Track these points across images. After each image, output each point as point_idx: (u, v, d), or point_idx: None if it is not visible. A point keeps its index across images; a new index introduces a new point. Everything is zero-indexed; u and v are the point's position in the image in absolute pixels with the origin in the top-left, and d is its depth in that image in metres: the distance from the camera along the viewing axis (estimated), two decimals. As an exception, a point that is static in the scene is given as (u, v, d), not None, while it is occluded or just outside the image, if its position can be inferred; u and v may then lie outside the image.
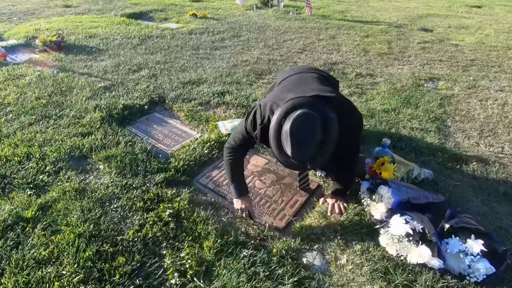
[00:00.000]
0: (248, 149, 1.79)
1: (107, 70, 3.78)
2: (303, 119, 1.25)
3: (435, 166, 2.18)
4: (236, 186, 1.75)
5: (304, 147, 1.25)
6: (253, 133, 1.57)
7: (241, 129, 1.65)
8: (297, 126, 1.24)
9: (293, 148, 1.24)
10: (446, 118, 2.86)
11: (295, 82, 1.72)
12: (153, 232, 1.61)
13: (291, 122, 1.24)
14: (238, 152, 1.73)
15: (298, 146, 1.24)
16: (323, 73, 1.90)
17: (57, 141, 2.35)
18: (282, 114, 1.33)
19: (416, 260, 1.44)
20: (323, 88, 1.57)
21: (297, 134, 1.24)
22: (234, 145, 1.71)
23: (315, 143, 1.25)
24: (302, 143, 1.24)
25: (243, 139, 1.66)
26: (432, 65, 4.16)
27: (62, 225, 1.62)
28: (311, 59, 4.31)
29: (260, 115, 1.53)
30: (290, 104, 1.34)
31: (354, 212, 1.78)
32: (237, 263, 1.47)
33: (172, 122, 2.84)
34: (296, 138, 1.24)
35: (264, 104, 1.54)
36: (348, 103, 1.60)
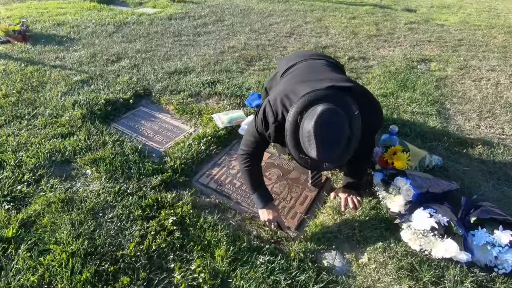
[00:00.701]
0: (264, 151, 1.61)
1: (82, 61, 3.44)
2: (327, 117, 1.10)
3: (442, 152, 2.13)
4: (259, 195, 1.57)
5: (330, 147, 1.11)
6: (266, 133, 1.40)
7: (252, 131, 1.48)
8: (321, 125, 1.09)
9: (319, 150, 1.09)
10: (444, 100, 2.82)
11: (304, 71, 1.57)
12: (157, 243, 1.45)
13: (314, 121, 1.09)
14: (254, 157, 1.56)
15: (324, 147, 1.10)
16: (330, 59, 1.75)
17: (33, 144, 2.09)
18: (298, 111, 1.18)
19: (442, 254, 1.37)
20: (337, 77, 1.43)
21: (322, 134, 1.09)
22: (248, 150, 1.53)
23: (343, 141, 1.12)
24: (328, 144, 1.10)
25: (256, 142, 1.49)
26: (422, 46, 4.11)
27: (51, 243, 1.42)
28: (300, 43, 4.15)
29: (272, 112, 1.35)
30: (306, 100, 1.19)
31: (369, 206, 1.69)
32: (254, 273, 1.35)
33: (162, 117, 2.62)
34: (321, 139, 1.09)
35: (274, 99, 1.37)
36: (365, 91, 1.46)
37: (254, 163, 1.55)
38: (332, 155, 1.11)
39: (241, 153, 1.57)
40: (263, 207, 1.57)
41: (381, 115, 1.46)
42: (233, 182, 1.95)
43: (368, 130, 1.35)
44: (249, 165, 1.54)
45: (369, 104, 1.35)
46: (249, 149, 1.53)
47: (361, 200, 1.71)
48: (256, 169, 1.57)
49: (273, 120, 1.34)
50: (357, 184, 1.75)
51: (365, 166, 1.75)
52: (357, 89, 1.36)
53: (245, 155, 1.55)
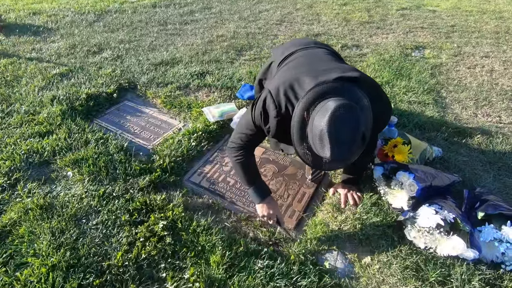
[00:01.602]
0: (256, 145, 1.49)
1: (60, 53, 3.22)
2: (341, 113, 0.98)
3: (442, 142, 2.07)
4: (255, 189, 1.47)
5: (346, 146, 1.01)
6: (265, 126, 1.28)
7: (247, 123, 1.35)
8: (336, 123, 0.98)
9: (333, 150, 0.99)
10: (440, 88, 2.76)
11: (306, 61, 1.44)
12: (147, 251, 1.34)
13: (328, 119, 0.97)
14: (247, 150, 1.44)
15: (339, 146, 0.99)
16: (328, 47, 1.64)
17: (8, 145, 1.92)
18: (306, 106, 1.07)
19: (448, 252, 1.31)
20: (343, 67, 1.32)
21: (337, 133, 0.98)
22: (240, 143, 1.41)
23: (358, 140, 1.02)
24: (344, 143, 1.00)
25: (251, 135, 1.37)
26: (415, 33, 4.02)
27: (29, 255, 1.30)
28: (291, 31, 4.00)
29: (274, 104, 1.22)
30: (315, 93, 1.08)
31: (370, 202, 1.61)
32: (253, 279, 1.26)
33: (148, 111, 2.47)
34: (336, 138, 0.98)
35: (276, 90, 1.23)
36: (374, 83, 1.33)
37: (247, 155, 1.44)
38: (347, 154, 1.02)
39: (232, 146, 1.44)
40: (261, 201, 1.48)
41: (390, 107, 1.35)
42: (227, 180, 1.84)
43: (377, 124, 1.26)
44: (242, 158, 1.42)
45: (378, 97, 1.25)
46: (242, 143, 1.40)
47: (362, 196, 1.64)
48: (250, 161, 1.46)
49: (275, 114, 1.21)
50: (357, 179, 1.68)
51: (367, 161, 1.67)
52: (365, 79, 1.25)
53: (237, 148, 1.42)
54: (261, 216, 1.49)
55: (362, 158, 1.55)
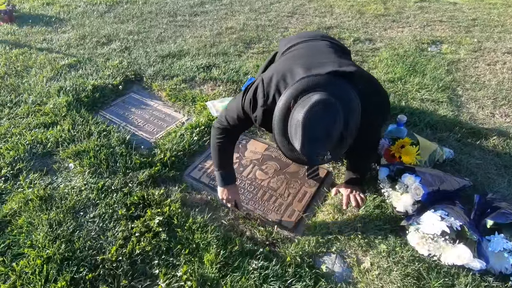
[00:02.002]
0: (242, 131, 1.51)
1: (70, 44, 3.25)
2: (320, 108, 0.98)
3: (454, 143, 1.97)
4: (222, 174, 1.51)
5: (317, 144, 1.00)
6: (252, 114, 1.27)
7: (237, 107, 1.33)
8: (312, 117, 0.97)
9: (304, 143, 1.00)
10: (456, 86, 2.62)
11: (305, 52, 1.40)
12: (141, 246, 1.33)
13: (305, 111, 0.97)
14: (230, 135, 1.45)
15: (310, 141, 1.00)
16: (334, 41, 1.57)
17: (14, 135, 1.95)
18: (291, 96, 1.06)
19: (453, 261, 1.24)
20: (340, 61, 1.26)
21: (310, 127, 0.98)
22: (227, 125, 1.40)
23: (333, 139, 1.00)
24: (315, 139, 0.99)
25: (237, 120, 1.35)
26: (433, 27, 3.84)
27: (26, 246, 1.31)
28: (303, 23, 3.89)
29: (263, 93, 1.22)
30: (303, 84, 1.06)
31: (373, 204, 1.55)
32: (246, 280, 1.23)
33: (153, 104, 2.46)
34: (309, 132, 0.98)
35: (268, 79, 1.22)
36: (371, 79, 1.30)
37: (228, 141, 1.45)
38: (317, 151, 1.00)
39: (217, 126, 1.43)
40: (223, 186, 1.52)
41: (388, 105, 1.30)
42: (227, 177, 1.81)
43: (373, 122, 1.22)
44: (222, 142, 1.44)
45: (374, 93, 1.21)
46: (228, 125, 1.39)
47: (365, 198, 1.58)
48: (228, 148, 1.48)
49: (262, 103, 1.21)
50: (360, 179, 1.62)
51: (369, 161, 1.61)
52: (361, 75, 1.20)
53: (222, 130, 1.42)
54: (220, 198, 1.54)
55: (362, 157, 1.50)
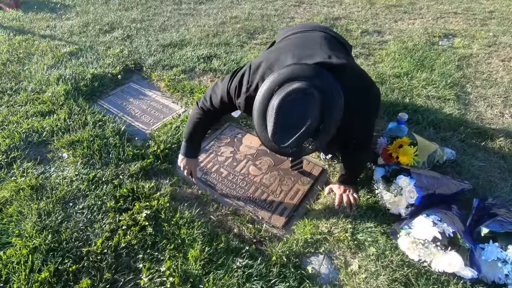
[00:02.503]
0: (223, 114, 1.52)
1: (73, 31, 3.24)
2: (297, 98, 0.96)
3: (457, 144, 1.89)
4: (188, 147, 1.55)
5: (290, 133, 0.97)
6: (236, 100, 1.26)
7: (223, 90, 1.31)
8: (286, 106, 0.96)
9: (276, 131, 0.98)
10: (465, 82, 2.51)
11: (298, 42, 1.35)
12: (127, 240, 1.33)
13: (281, 98, 0.96)
14: (210, 116, 1.45)
15: (282, 130, 0.98)
16: (335, 34, 1.50)
17: (11, 123, 1.97)
18: (273, 84, 1.02)
19: (444, 268, 1.20)
20: (331, 53, 1.20)
21: (284, 116, 0.97)
22: (209, 106, 1.39)
23: (307, 131, 0.96)
24: (288, 128, 0.97)
25: (220, 103, 1.33)
26: (446, 19, 3.67)
27: (14, 236, 1.33)
28: (310, 13, 3.77)
29: (247, 80, 1.21)
30: (286, 73, 1.02)
31: (366, 205, 1.51)
32: (229, 278, 1.22)
33: (152, 95, 2.44)
34: (282, 121, 0.97)
35: (256, 66, 1.21)
36: (361, 74, 1.24)
37: (206, 121, 1.47)
38: (290, 141, 0.97)
39: (200, 105, 1.43)
40: (184, 156, 1.56)
41: (377, 103, 1.25)
42: (220, 171, 1.79)
43: (360, 120, 1.18)
44: (200, 120, 1.45)
45: (361, 90, 1.16)
46: (210, 106, 1.38)
47: (358, 198, 1.54)
48: (203, 127, 1.50)
49: (246, 90, 1.21)
50: (354, 179, 1.57)
51: (362, 159, 1.55)
52: (352, 69, 1.16)
53: (203, 109, 1.42)
54: (179, 165, 1.60)
55: (353, 155, 1.45)
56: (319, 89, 0.97)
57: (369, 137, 1.38)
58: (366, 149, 1.44)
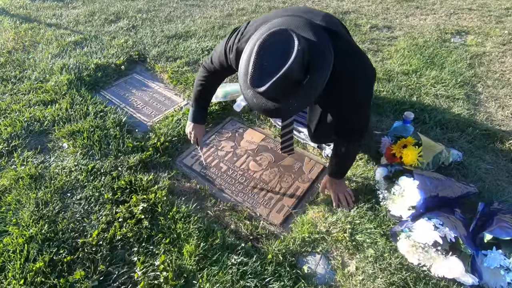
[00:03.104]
0: (226, 75, 1.49)
1: (79, 20, 3.23)
2: (280, 39, 0.88)
3: (464, 145, 1.83)
4: (195, 112, 1.56)
5: (269, 76, 0.88)
6: (229, 55, 1.23)
7: (222, 46, 1.29)
8: (268, 47, 0.88)
9: (254, 73, 0.89)
10: (476, 82, 2.42)
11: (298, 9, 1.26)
12: (123, 232, 1.32)
13: (263, 38, 0.89)
14: (214, 77, 1.43)
15: (261, 71, 0.89)
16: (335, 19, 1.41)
17: (13, 111, 1.97)
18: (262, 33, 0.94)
19: (444, 273, 1.16)
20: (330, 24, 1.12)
21: (263, 56, 0.88)
22: (210, 65, 1.38)
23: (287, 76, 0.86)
24: (267, 71, 0.88)
25: (219, 63, 1.32)
26: (459, 15, 3.55)
27: (11, 224, 1.33)
28: (318, 7, 3.69)
29: (242, 32, 1.17)
30: (277, 23, 0.98)
31: (367, 206, 1.47)
32: (223, 275, 1.20)
33: (154, 86, 2.42)
34: (262, 61, 0.89)
35: (253, 21, 1.18)
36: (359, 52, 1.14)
37: (210, 82, 1.45)
38: (264, 83, 0.88)
39: (203, 64, 1.43)
40: (192, 122, 1.58)
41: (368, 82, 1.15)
42: (220, 166, 1.77)
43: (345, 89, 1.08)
44: (204, 82, 1.45)
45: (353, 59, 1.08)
46: (212, 67, 1.37)
47: (352, 195, 1.50)
48: (208, 88, 1.49)
49: (238, 40, 1.17)
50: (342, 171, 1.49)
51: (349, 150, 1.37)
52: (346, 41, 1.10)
53: (206, 68, 1.41)
54: (186, 132, 1.62)
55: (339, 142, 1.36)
56: (306, 38, 0.91)
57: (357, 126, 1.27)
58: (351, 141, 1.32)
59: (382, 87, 2.29)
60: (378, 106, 2.11)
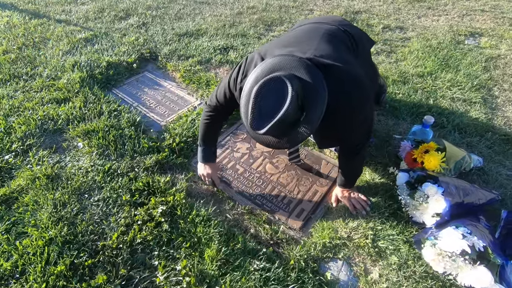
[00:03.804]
0: (232, 110, 1.47)
1: (88, 16, 3.19)
2: (274, 86, 0.95)
3: (484, 150, 1.81)
4: (204, 150, 1.56)
5: (267, 120, 0.95)
6: (235, 92, 1.24)
7: (224, 83, 1.31)
8: (264, 93, 0.95)
9: (253, 117, 0.96)
10: (492, 85, 2.39)
11: (300, 35, 1.30)
12: (143, 235, 1.31)
13: (259, 85, 0.96)
14: (218, 114, 1.45)
15: (260, 116, 0.96)
16: (349, 29, 1.38)
17: (27, 109, 1.95)
18: (258, 74, 1.03)
19: (471, 283, 1.15)
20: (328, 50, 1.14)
21: (261, 101, 0.95)
22: (216, 104, 1.39)
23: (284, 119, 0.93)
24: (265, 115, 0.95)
25: (224, 98, 1.32)
26: (472, 17, 3.51)
27: (30, 226, 1.31)
28: (329, 6, 3.65)
29: (242, 70, 1.21)
30: (271, 63, 1.03)
31: (388, 212, 1.45)
32: (246, 281, 1.19)
33: (167, 85, 2.39)
34: (259, 107, 0.96)
35: (251, 57, 1.21)
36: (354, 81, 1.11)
37: (215, 120, 1.47)
38: (263, 127, 0.95)
39: (208, 103, 1.44)
40: (202, 162, 1.58)
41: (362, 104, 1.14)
42: (236, 168, 1.75)
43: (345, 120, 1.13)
44: (210, 120, 1.46)
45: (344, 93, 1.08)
46: (217, 103, 1.38)
47: (366, 198, 1.49)
48: (214, 126, 1.51)
49: (240, 81, 1.20)
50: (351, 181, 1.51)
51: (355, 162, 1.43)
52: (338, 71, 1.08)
53: (211, 109, 1.43)
54: (199, 174, 1.61)
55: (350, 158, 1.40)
56: (300, 79, 0.96)
57: (363, 142, 1.31)
58: (359, 152, 1.35)
59: (398, 90, 2.26)
60: (394, 108, 2.09)
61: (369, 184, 1.61)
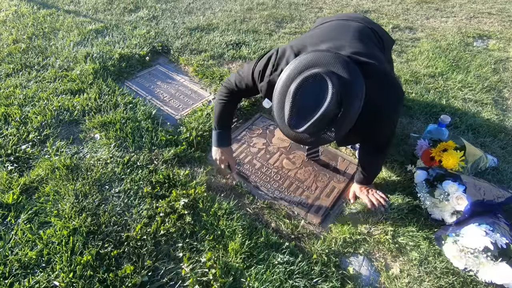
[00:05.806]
0: (247, 97, 1.50)
1: (97, 8, 3.16)
2: (313, 83, 0.93)
3: (497, 150, 1.83)
4: (219, 134, 1.53)
5: (305, 118, 0.94)
6: (259, 83, 1.24)
7: (248, 72, 1.29)
8: (303, 91, 0.94)
9: (292, 115, 0.96)
10: (502, 87, 2.42)
11: (329, 31, 1.30)
12: (166, 227, 1.31)
13: (298, 83, 0.95)
14: (235, 97, 1.45)
15: (298, 114, 0.95)
16: (373, 27, 1.41)
17: (41, 99, 1.93)
18: (294, 69, 1.00)
19: (492, 279, 1.17)
20: (361, 48, 1.15)
21: (300, 101, 0.95)
22: (234, 87, 1.38)
23: (323, 117, 0.92)
24: (304, 113, 0.95)
25: (245, 85, 1.32)
26: (480, 19, 3.54)
27: (52, 215, 1.31)
28: (339, 5, 3.66)
29: (273, 64, 1.18)
30: (307, 59, 1.00)
31: (407, 209, 1.47)
32: (271, 274, 1.19)
33: (179, 79, 2.38)
34: (298, 105, 0.95)
35: (282, 51, 1.19)
36: (390, 81, 1.15)
37: (231, 102, 1.45)
38: (303, 126, 0.95)
39: (225, 86, 1.43)
40: (217, 146, 1.54)
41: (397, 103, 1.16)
42: (253, 162, 1.75)
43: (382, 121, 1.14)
44: (226, 102, 1.45)
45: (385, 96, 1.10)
46: (235, 87, 1.37)
47: (384, 195, 1.50)
48: (229, 108, 1.49)
49: (270, 73, 1.18)
50: (371, 178, 1.54)
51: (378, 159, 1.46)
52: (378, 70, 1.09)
53: (228, 90, 1.42)
54: (214, 158, 1.57)
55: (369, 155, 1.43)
56: (338, 76, 0.95)
57: (389, 141, 1.33)
58: (383, 151, 1.39)
59: (411, 89, 2.28)
60: (408, 108, 2.10)
61: (387, 181, 1.63)
